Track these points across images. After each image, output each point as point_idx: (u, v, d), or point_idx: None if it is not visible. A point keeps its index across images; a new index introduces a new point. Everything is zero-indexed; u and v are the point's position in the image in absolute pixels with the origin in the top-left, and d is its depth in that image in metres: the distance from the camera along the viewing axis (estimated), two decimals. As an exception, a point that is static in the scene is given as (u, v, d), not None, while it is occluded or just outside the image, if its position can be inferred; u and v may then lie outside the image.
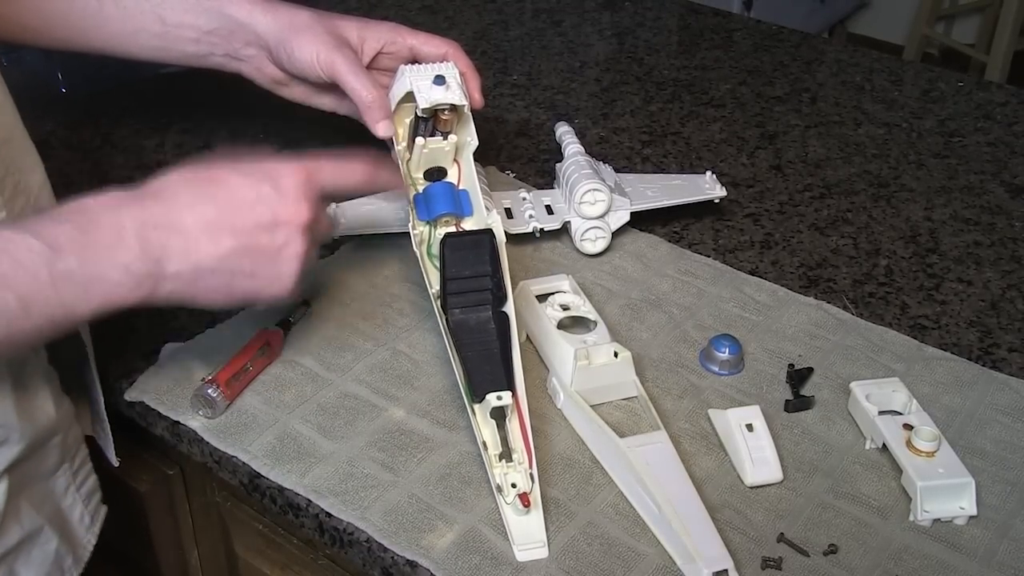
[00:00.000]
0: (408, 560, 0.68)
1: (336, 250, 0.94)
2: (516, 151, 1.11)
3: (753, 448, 0.74)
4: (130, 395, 0.80)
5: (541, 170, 1.07)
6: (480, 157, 0.87)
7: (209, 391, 0.77)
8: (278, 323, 0.84)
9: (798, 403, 0.80)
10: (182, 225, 0.63)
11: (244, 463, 0.75)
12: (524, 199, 0.96)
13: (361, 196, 0.87)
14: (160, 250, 0.63)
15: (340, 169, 0.72)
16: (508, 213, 0.94)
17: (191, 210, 0.64)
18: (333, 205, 0.94)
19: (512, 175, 1.06)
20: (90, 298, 0.61)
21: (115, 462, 0.81)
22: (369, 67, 0.89)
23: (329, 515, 0.71)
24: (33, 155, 0.72)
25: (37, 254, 0.59)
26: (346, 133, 0.98)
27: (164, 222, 0.63)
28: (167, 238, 0.63)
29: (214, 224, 0.64)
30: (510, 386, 0.73)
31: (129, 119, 1.13)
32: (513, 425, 0.72)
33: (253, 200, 0.66)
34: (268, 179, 0.67)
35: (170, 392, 0.79)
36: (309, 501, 0.72)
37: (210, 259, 0.64)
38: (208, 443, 0.76)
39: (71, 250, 0.60)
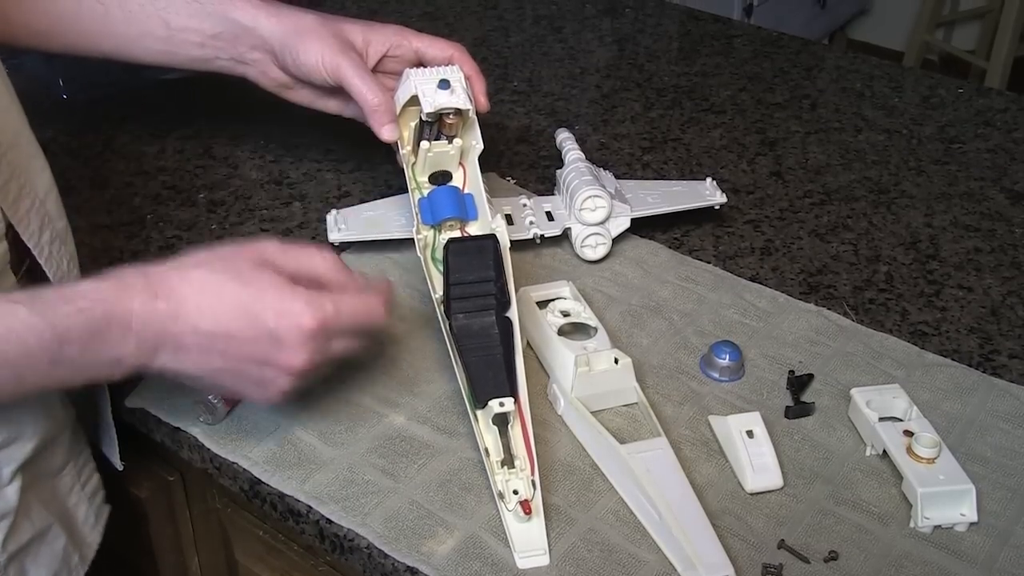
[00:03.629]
0: (408, 567, 0.68)
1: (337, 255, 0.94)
2: (517, 157, 1.11)
3: (754, 454, 0.74)
4: (130, 401, 0.80)
5: (542, 176, 1.08)
6: (481, 163, 0.87)
7: (210, 397, 0.76)
8: (279, 329, 0.84)
9: (798, 409, 0.80)
10: (179, 336, 0.66)
11: (244, 469, 0.75)
12: (525, 205, 0.96)
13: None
14: (154, 347, 0.65)
15: (361, 310, 0.71)
16: (509, 219, 0.94)
17: (193, 323, 0.66)
18: (334, 212, 0.94)
19: (512, 181, 1.06)
20: (82, 378, 0.65)
21: (119, 466, 0.81)
22: (374, 70, 0.90)
23: (329, 521, 0.71)
24: (40, 159, 0.72)
25: (46, 342, 0.61)
26: (349, 137, 0.99)
27: (161, 329, 0.65)
28: (164, 339, 0.65)
29: (207, 345, 0.66)
30: (513, 392, 0.73)
31: (130, 125, 1.13)
32: (515, 431, 0.72)
33: (253, 337, 0.67)
34: (279, 316, 0.67)
35: (171, 398, 0.79)
36: (309, 507, 0.72)
37: (196, 369, 0.68)
38: (208, 449, 0.76)
39: (77, 342, 0.62)
